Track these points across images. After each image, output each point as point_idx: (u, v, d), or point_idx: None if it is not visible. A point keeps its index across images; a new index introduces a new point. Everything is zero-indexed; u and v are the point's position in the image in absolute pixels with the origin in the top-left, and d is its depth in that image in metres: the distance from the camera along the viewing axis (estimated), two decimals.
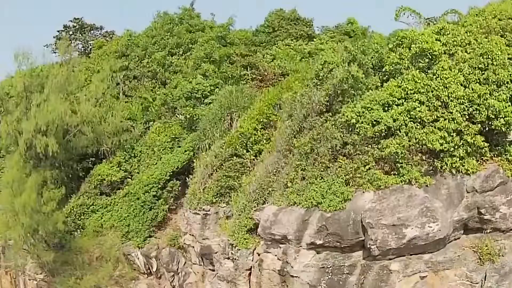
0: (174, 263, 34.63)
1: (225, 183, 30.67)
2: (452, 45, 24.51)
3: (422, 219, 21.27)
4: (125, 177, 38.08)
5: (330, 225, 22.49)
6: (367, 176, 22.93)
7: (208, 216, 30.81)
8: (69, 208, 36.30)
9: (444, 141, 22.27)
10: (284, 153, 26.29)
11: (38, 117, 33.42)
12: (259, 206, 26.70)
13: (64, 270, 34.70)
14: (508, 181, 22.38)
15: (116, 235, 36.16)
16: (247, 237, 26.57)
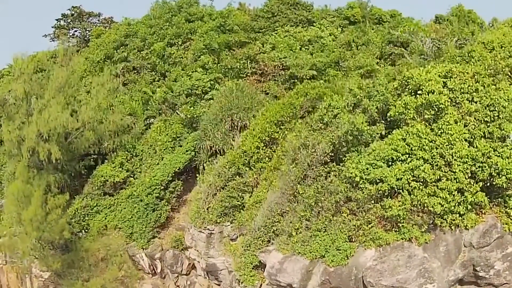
0: (178, 265, 37.60)
1: (229, 203, 32.99)
2: (459, 92, 25.53)
3: (420, 280, 23.64)
4: (128, 176, 40.15)
5: (333, 279, 24.87)
6: (369, 234, 24.92)
7: (212, 235, 33.28)
8: (73, 210, 38.82)
9: (445, 202, 23.97)
10: (288, 197, 28.05)
11: (39, 124, 35.02)
12: (264, 244, 28.86)
13: (70, 272, 37.59)
14: (505, 235, 24.51)
15: (120, 235, 38.64)
16: (253, 273, 29.10)
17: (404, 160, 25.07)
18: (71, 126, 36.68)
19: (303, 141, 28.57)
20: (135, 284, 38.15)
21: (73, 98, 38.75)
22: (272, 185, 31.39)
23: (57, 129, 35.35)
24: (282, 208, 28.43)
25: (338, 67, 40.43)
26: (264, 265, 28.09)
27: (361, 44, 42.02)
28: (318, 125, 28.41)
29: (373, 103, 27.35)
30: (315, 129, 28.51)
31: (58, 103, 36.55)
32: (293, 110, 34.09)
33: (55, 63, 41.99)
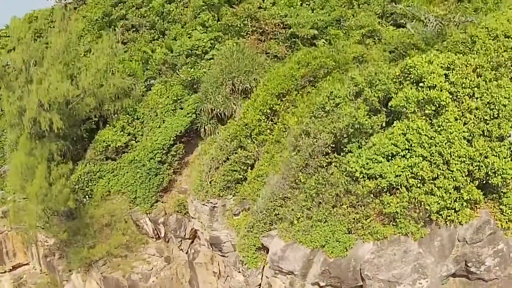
0: (181, 230, 40.44)
1: (231, 177, 35.17)
2: (460, 87, 26.73)
3: (414, 276, 26.11)
4: (130, 140, 42.23)
5: (332, 270, 27.44)
6: (368, 228, 27.19)
7: (215, 209, 35.83)
8: (76, 177, 41.16)
9: (441, 200, 26.00)
10: (290, 184, 30.06)
11: (40, 93, 36.52)
12: (266, 226, 31.31)
13: (76, 240, 40.46)
14: (497, 231, 26.70)
15: (124, 199, 41.25)
16: (256, 255, 31.69)
17: (403, 155, 26.66)
18: (72, 94, 37.91)
19: (304, 128, 29.96)
20: (140, 249, 41.09)
21: (72, 65, 39.61)
22: (274, 159, 33.23)
23: (58, 98, 36.69)
24: (284, 193, 30.40)
25: (339, 26, 40.76)
26: (267, 248, 30.55)
27: (363, 2, 42.00)
28: (320, 113, 29.66)
29: (375, 93, 28.44)
30: (317, 116, 29.78)
31: (58, 72, 37.61)
32: (294, 82, 35.24)
33: (53, 27, 42.33)
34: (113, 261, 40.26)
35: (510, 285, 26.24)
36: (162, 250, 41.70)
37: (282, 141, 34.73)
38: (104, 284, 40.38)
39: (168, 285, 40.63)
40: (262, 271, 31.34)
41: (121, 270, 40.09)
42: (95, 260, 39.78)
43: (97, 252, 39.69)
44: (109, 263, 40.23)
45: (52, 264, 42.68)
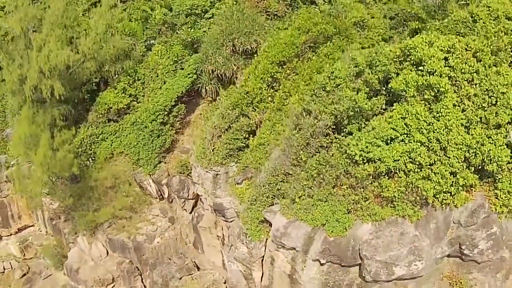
0: (184, 191, 43.40)
1: (234, 145, 37.72)
2: (460, 72, 28.59)
3: (410, 257, 28.98)
4: (131, 101, 44.25)
5: (332, 248, 30.35)
6: (367, 210, 29.87)
7: (218, 176, 38.58)
8: (79, 140, 43.61)
9: (438, 185, 28.54)
10: (292, 161, 32.51)
11: (40, 61, 38.37)
12: (269, 200, 34.08)
13: (81, 204, 43.40)
14: (491, 215, 29.36)
15: (127, 161, 44.00)
16: (259, 228, 34.56)
17: (402, 140, 28.84)
18: (72, 59, 39.59)
19: (305, 106, 32.02)
20: (144, 210, 44.19)
21: (72, 28, 40.96)
22: (275, 128, 35.56)
23: (59, 65, 38.46)
24: (285, 169, 32.88)
25: None
26: (270, 221, 33.44)
27: None
28: (321, 93, 31.59)
29: (375, 74, 30.23)
30: (318, 95, 31.74)
31: (57, 37, 39.09)
32: (294, 50, 36.87)
33: None
34: (118, 223, 43.40)
35: (501, 267, 29.09)
36: (166, 210, 44.74)
37: (283, 109, 36.85)
38: (110, 246, 43.81)
39: (172, 245, 43.97)
40: (265, 244, 34.26)
41: (126, 231, 43.30)
42: (100, 223, 42.89)
43: (102, 215, 42.67)
44: (114, 225, 43.40)
45: (58, 227, 45.94)
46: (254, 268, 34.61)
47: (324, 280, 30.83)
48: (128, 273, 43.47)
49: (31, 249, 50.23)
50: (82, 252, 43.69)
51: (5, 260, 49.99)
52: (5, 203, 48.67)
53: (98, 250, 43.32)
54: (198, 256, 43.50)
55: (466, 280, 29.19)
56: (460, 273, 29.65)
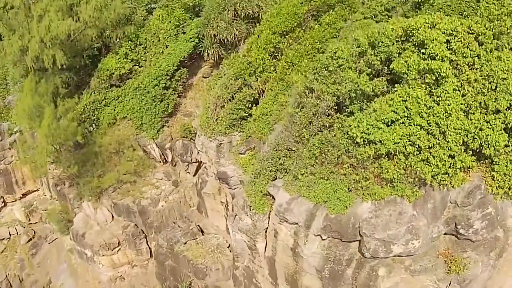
0: (187, 155, 46.32)
1: (237, 115, 40.27)
2: (461, 55, 30.76)
3: (407, 236, 31.92)
4: (133, 66, 46.42)
5: (333, 225, 33.30)
6: (367, 189, 32.67)
7: (222, 145, 41.32)
8: (82, 107, 46.06)
9: (436, 168, 31.23)
10: (295, 138, 35.10)
11: (41, 32, 40.40)
12: (272, 174, 36.86)
13: (85, 170, 46.28)
14: (487, 195, 32.12)
15: (130, 125, 46.67)
16: (263, 201, 37.38)
17: (403, 122, 31.26)
18: (73, 28, 41.51)
19: (308, 85, 34.30)
20: (148, 174, 47.13)
21: None
22: (277, 98, 37.95)
23: (60, 35, 40.42)
24: (288, 145, 35.48)
25: None
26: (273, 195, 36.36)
27: None
28: (323, 72, 33.77)
29: (377, 55, 32.30)
30: (320, 74, 33.93)
31: (58, 8, 40.86)
32: (297, 20, 38.79)
33: None
34: (122, 187, 46.41)
35: (495, 246, 32.03)
36: (170, 174, 47.63)
37: (286, 79, 39.09)
38: (115, 210, 47.00)
39: (176, 208, 47.17)
40: (269, 216, 37.21)
41: (131, 196, 46.41)
42: (105, 188, 45.89)
43: (106, 180, 45.59)
44: (118, 189, 46.43)
45: (63, 192, 48.94)
46: (258, 240, 37.65)
47: (325, 255, 33.83)
48: (133, 237, 46.82)
49: (36, 214, 53.39)
50: (87, 217, 46.86)
51: (10, 226, 53.30)
52: (9, 170, 51.50)
53: (103, 214, 46.47)
54: (202, 220, 46.67)
55: (461, 258, 32.10)
56: (455, 251, 32.56)
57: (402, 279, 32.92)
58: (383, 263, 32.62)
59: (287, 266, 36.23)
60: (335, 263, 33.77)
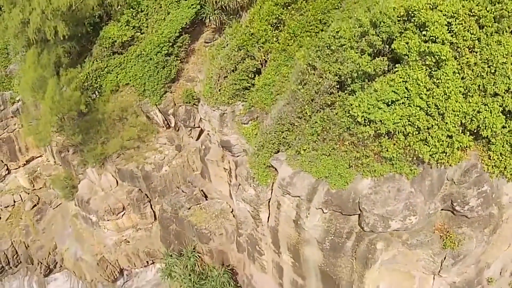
0: (190, 120, 48.94)
1: (240, 85, 42.82)
2: (462, 39, 33.11)
3: (405, 212, 34.84)
4: (135, 33, 48.58)
5: (334, 200, 36.26)
6: (367, 166, 35.51)
7: (225, 114, 43.93)
8: (85, 75, 48.30)
9: (434, 148, 34.00)
10: (297, 114, 37.72)
11: (42, 4, 42.41)
12: (275, 146, 39.62)
13: (89, 138, 49.01)
14: (483, 174, 34.93)
15: (133, 91, 49.25)
16: (266, 173, 40.24)
17: (403, 103, 33.79)
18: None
19: (311, 62, 36.70)
20: (151, 139, 49.86)
21: None
22: (280, 69, 40.32)
23: (61, 7, 42.42)
24: (290, 119, 38.14)
25: None
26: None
27: None
28: (325, 51, 36.10)
29: (378, 35, 34.52)
30: (323, 52, 36.26)
31: None
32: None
33: None
34: (126, 153, 49.21)
35: (489, 222, 34.98)
36: (173, 138, 50.35)
37: (288, 50, 41.38)
38: (119, 176, 49.96)
39: (180, 172, 50.11)
40: (272, 187, 40.14)
41: (135, 161, 49.27)
42: (109, 154, 48.71)
43: (110, 147, 48.30)
44: (122, 155, 49.23)
45: (67, 159, 51.74)
46: (261, 210, 40.71)
47: (326, 228, 36.90)
48: (137, 201, 49.95)
49: (40, 180, 56.26)
50: (92, 183, 49.84)
51: (15, 193, 56.27)
52: (12, 138, 54.11)
53: (107, 180, 49.44)
54: (205, 185, 49.68)
55: (455, 234, 35.19)
56: (450, 226, 35.62)
57: (399, 252, 35.93)
58: (381, 237, 35.55)
59: (289, 236, 39.30)
60: (335, 235, 36.75)
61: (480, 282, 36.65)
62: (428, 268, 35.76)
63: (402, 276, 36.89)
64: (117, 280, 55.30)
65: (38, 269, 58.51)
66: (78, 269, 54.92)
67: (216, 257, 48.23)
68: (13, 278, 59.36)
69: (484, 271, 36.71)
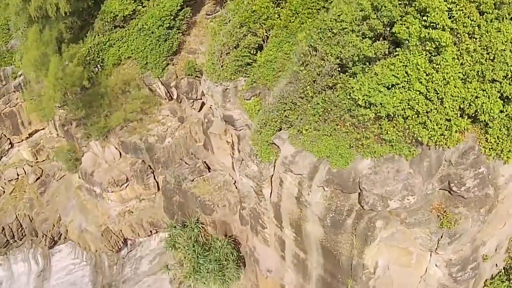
0: (193, 92, 51.45)
1: (242, 61, 45.12)
2: (462, 25, 35.32)
3: (404, 192, 37.29)
4: (137, 6, 50.56)
5: (335, 178, 38.87)
6: (367, 148, 38.04)
7: (228, 90, 46.38)
8: (87, 49, 50.46)
9: (433, 131, 36.48)
10: (299, 94, 40.13)
11: None
12: (278, 124, 42.09)
13: (92, 111, 51.50)
14: (480, 155, 37.42)
15: (135, 64, 51.56)
16: (269, 150, 42.72)
17: (403, 86, 36.12)
18: None
19: (312, 44, 38.93)
20: (154, 111, 52.33)
21: None
22: (281, 45, 42.44)
23: None
24: (292, 99, 40.56)
25: None
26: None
27: None
28: (327, 33, 38.27)
29: (380, 19, 36.61)
30: (324, 34, 38.42)
31: None
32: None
33: None
34: (129, 126, 51.74)
35: (485, 203, 37.64)
36: (175, 110, 52.80)
37: (290, 27, 43.49)
38: (123, 148, 52.57)
39: (183, 144, 52.72)
40: (274, 164, 42.74)
41: (138, 133, 51.84)
42: (112, 127, 51.23)
43: (113, 120, 50.77)
44: (126, 128, 51.77)
45: (70, 133, 54.18)
46: (264, 186, 43.35)
47: (327, 205, 39.59)
48: (141, 172, 52.70)
49: (43, 152, 58.75)
50: (95, 156, 52.45)
51: (18, 166, 58.85)
52: (14, 112, 56.43)
53: (111, 153, 52.07)
54: (208, 156, 52.32)
55: (452, 214, 37.93)
56: (447, 206, 38.34)
57: (397, 230, 38.74)
58: (381, 215, 38.28)
59: (291, 212, 42.09)
60: (336, 213, 39.45)
61: (475, 259, 39.38)
62: (425, 246, 38.48)
63: (401, 252, 39.68)
64: (121, 250, 58.55)
65: (42, 242, 61.54)
66: (83, 240, 57.99)
67: (219, 228, 51.16)
68: (18, 251, 62.45)
69: (479, 249, 39.41)
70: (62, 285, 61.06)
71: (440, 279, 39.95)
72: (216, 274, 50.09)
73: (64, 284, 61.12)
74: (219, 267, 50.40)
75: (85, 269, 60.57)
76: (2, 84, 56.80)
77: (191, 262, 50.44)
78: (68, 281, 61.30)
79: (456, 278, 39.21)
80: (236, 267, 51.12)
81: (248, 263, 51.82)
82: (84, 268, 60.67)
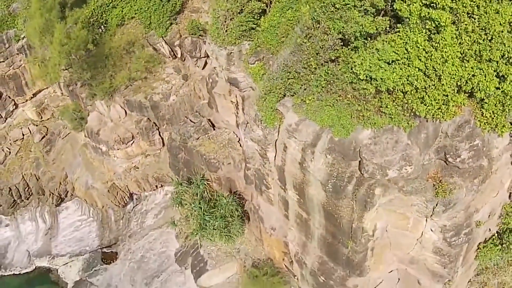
0: (196, 51, 55.29)
1: (246, 26, 49.04)
2: (462, 5, 39.09)
3: (402, 163, 41.51)
4: None
5: (337, 147, 43.12)
6: (368, 119, 42.43)
7: (232, 54, 50.37)
8: (90, 11, 54.10)
9: (430, 106, 40.83)
10: (303, 65, 44.27)
11: None
12: (282, 91, 46.35)
13: (97, 72, 55.36)
14: (475, 129, 41.60)
15: (138, 24, 55.31)
16: (273, 116, 47.03)
17: (403, 63, 40.19)
18: None
19: (315, 17, 42.79)
20: (158, 69, 56.28)
21: None
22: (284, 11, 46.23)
23: None
24: (296, 68, 44.72)
25: None
26: None
27: None
28: (330, 8, 42.10)
29: None
30: (328, 10, 42.22)
31: None
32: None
33: None
34: (134, 84, 55.81)
35: (479, 173, 42.13)
36: (179, 68, 56.78)
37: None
38: (128, 106, 56.80)
39: (187, 101, 56.94)
40: (278, 129, 47.11)
41: (143, 92, 56.01)
42: (118, 87, 55.36)
43: (118, 79, 54.68)
44: (130, 87, 55.83)
45: (75, 92, 58.13)
46: (268, 149, 47.82)
47: (329, 171, 44.10)
48: (146, 130, 57.10)
49: (47, 111, 62.44)
50: (101, 115, 56.69)
51: (23, 126, 62.43)
52: (18, 74, 59.92)
53: (116, 112, 56.29)
54: (213, 114, 56.59)
55: (447, 184, 42.67)
56: (443, 175, 43.02)
57: (395, 197, 43.47)
58: (379, 183, 42.83)
59: (295, 176, 46.70)
60: (337, 179, 43.98)
61: (469, 225, 44.26)
62: (421, 212, 43.29)
63: (398, 216, 44.59)
64: (127, 205, 63.60)
65: (49, 200, 65.88)
66: (89, 196, 62.75)
67: (224, 184, 55.95)
68: (25, 211, 66.77)
69: (473, 216, 44.19)
70: (70, 241, 65.69)
71: (435, 242, 44.75)
72: (221, 231, 54.97)
73: (72, 241, 65.81)
74: (225, 223, 55.17)
75: (92, 225, 65.38)
76: (5, 47, 60.06)
77: (197, 219, 55.18)
78: (75, 237, 66.12)
79: (450, 242, 44.00)
80: (241, 223, 56.00)
81: (252, 218, 56.76)
82: (91, 224, 65.48)
